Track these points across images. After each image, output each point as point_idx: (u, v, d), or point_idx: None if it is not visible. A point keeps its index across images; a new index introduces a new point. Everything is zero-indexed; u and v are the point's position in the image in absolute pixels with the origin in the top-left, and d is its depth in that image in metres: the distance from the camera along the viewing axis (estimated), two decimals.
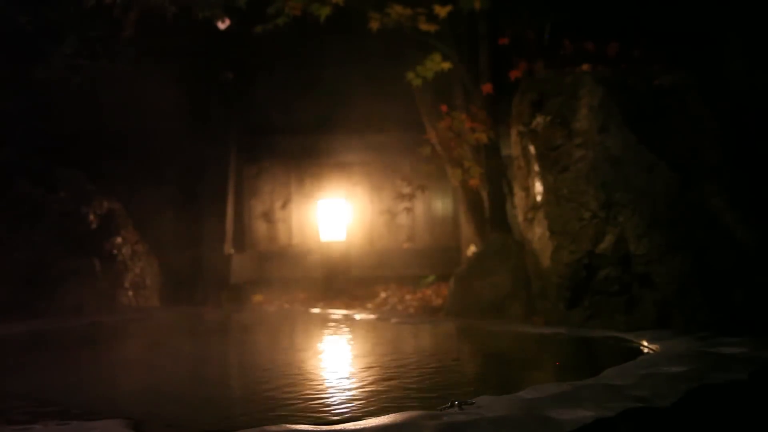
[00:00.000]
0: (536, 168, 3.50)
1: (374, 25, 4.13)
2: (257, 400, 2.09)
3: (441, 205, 6.01)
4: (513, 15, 4.26)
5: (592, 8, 3.99)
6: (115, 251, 4.50)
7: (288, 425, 1.48)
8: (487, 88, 4.28)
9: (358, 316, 3.86)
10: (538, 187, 3.48)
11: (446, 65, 4.29)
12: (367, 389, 2.13)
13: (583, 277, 3.19)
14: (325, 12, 4.16)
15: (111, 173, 4.82)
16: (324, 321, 3.87)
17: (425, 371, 2.50)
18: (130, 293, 4.53)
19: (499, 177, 4.35)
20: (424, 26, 4.11)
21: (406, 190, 5.54)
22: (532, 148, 3.53)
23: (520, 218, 3.71)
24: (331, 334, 3.55)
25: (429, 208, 6.03)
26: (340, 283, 5.43)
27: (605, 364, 2.02)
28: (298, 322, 4.01)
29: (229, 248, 5.68)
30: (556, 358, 2.78)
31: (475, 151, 4.40)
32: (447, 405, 1.59)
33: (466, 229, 4.94)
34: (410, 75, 4.35)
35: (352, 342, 3.38)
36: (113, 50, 5.02)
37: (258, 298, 5.33)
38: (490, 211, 4.34)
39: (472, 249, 4.47)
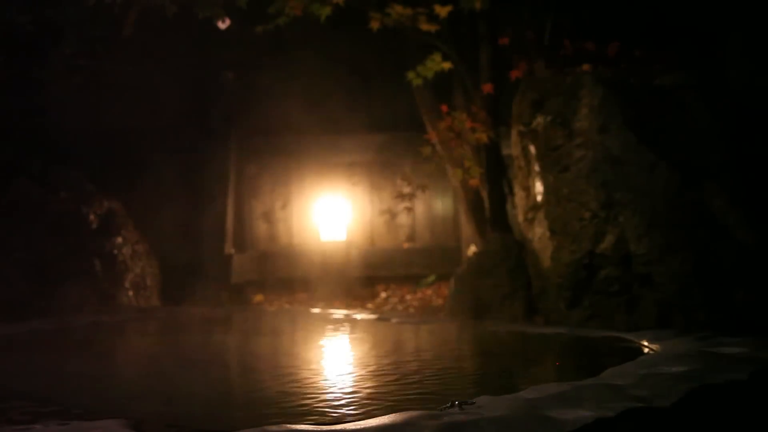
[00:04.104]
0: (536, 168, 3.50)
1: (375, 25, 4.13)
2: (257, 400, 2.09)
3: (441, 204, 6.00)
4: (513, 15, 4.26)
5: (592, 8, 3.99)
6: (115, 251, 4.50)
7: (288, 425, 1.47)
8: (487, 88, 4.28)
9: (358, 316, 3.86)
10: (539, 187, 3.48)
11: (446, 65, 4.29)
12: (367, 389, 2.13)
13: (583, 277, 3.18)
14: (325, 12, 4.16)
15: (111, 173, 4.82)
16: (324, 321, 3.87)
17: (425, 371, 2.50)
18: (130, 293, 4.53)
19: (499, 177, 4.35)
20: (425, 26, 4.11)
21: (407, 189, 5.54)
22: (532, 148, 3.53)
23: (521, 218, 3.71)
24: (332, 335, 3.55)
25: (429, 208, 6.03)
26: (341, 283, 5.43)
27: (605, 364, 2.02)
28: (299, 323, 4.01)
29: (229, 248, 5.67)
30: (556, 358, 2.78)
31: (476, 151, 4.40)
32: (447, 405, 1.59)
33: (467, 229, 4.94)
34: (411, 75, 4.36)
35: (352, 342, 3.38)
36: (113, 50, 5.02)
37: (258, 298, 5.33)
38: (491, 211, 4.34)
39: (472, 249, 4.47)
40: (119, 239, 4.56)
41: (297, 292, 5.46)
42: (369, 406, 1.87)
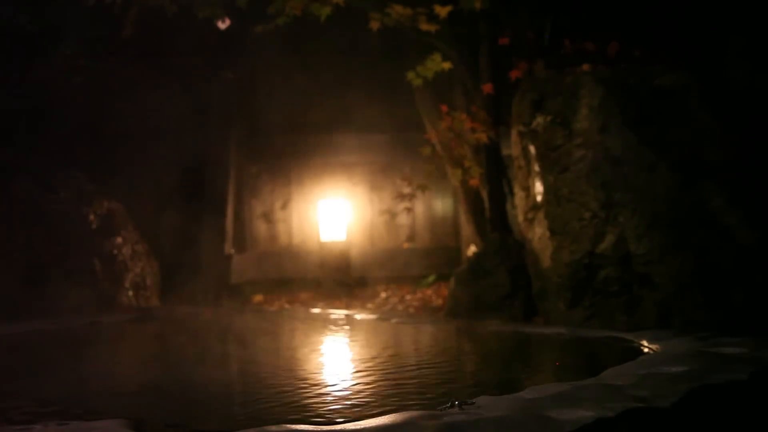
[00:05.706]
0: (536, 168, 3.50)
1: (374, 25, 4.14)
2: (257, 400, 2.09)
3: (441, 205, 6.01)
4: (513, 15, 4.26)
5: (592, 8, 3.99)
6: (115, 251, 4.50)
7: (288, 425, 1.47)
8: (487, 88, 4.28)
9: (358, 316, 3.86)
10: (539, 187, 3.48)
11: (446, 65, 4.29)
12: (367, 389, 2.13)
13: (583, 277, 3.18)
14: (325, 12, 4.16)
15: (111, 173, 4.82)
16: (324, 321, 3.87)
17: (425, 371, 2.50)
18: (130, 293, 4.53)
19: (499, 177, 4.35)
20: (425, 26, 4.11)
21: (407, 190, 5.53)
22: (532, 148, 3.53)
23: (520, 218, 3.71)
24: (332, 335, 3.55)
25: (429, 208, 6.03)
26: (341, 283, 5.43)
27: (605, 364, 2.02)
28: (299, 323, 4.01)
29: (229, 248, 5.67)
30: (556, 358, 2.78)
31: (476, 151, 4.40)
32: (447, 405, 1.59)
33: (467, 229, 4.94)
34: (410, 75, 4.36)
35: (352, 342, 3.38)
36: (113, 50, 5.02)
37: (258, 298, 5.32)
38: (490, 211, 4.34)
39: (472, 249, 4.47)
40: (119, 239, 4.56)
41: (297, 292, 5.46)
42: (369, 405, 1.87)
